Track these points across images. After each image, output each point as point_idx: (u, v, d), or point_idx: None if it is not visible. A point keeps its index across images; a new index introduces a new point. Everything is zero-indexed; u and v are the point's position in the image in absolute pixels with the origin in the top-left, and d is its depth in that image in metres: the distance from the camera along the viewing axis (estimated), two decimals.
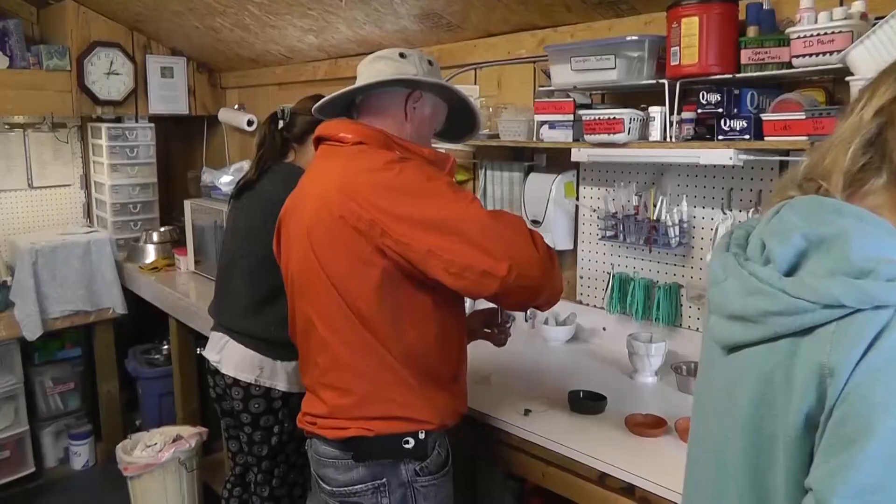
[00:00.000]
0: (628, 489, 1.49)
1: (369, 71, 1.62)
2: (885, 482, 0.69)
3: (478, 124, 1.79)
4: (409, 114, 1.62)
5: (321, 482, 1.62)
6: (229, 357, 2.09)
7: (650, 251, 2.16)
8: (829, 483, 0.70)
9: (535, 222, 2.35)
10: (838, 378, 0.71)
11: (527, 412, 1.77)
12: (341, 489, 1.57)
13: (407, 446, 1.51)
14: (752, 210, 1.92)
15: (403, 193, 1.44)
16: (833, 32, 1.54)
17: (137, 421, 3.85)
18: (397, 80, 1.59)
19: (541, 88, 2.26)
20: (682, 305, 2.14)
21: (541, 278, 1.43)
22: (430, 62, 1.65)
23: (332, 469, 1.58)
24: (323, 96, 1.70)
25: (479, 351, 1.86)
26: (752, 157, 1.76)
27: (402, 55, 1.61)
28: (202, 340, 2.26)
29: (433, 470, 1.56)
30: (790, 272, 0.80)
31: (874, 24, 1.42)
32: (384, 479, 1.53)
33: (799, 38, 1.59)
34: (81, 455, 3.71)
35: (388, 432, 1.51)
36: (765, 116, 1.67)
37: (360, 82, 1.61)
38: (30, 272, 3.33)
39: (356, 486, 1.55)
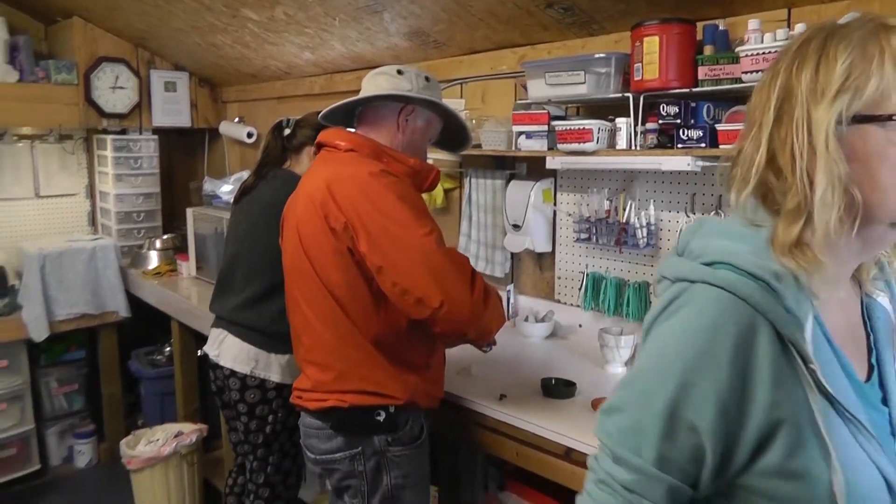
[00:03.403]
0: None
1: (369, 85, 1.81)
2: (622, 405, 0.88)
3: (468, 137, 1.97)
4: (401, 125, 1.81)
5: (307, 451, 1.81)
6: (227, 350, 2.24)
7: (621, 252, 2.32)
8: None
9: (515, 227, 2.51)
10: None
11: (502, 397, 1.92)
12: (323, 457, 1.76)
13: (378, 418, 1.69)
14: (713, 212, 2.09)
15: (374, 206, 1.61)
16: (777, 51, 1.70)
17: (140, 421, 3.95)
18: (390, 95, 1.77)
19: (519, 102, 2.42)
20: (650, 302, 2.29)
21: (467, 318, 1.60)
22: (427, 78, 1.82)
23: (315, 439, 1.76)
24: None
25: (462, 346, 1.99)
26: (708, 164, 1.93)
27: (399, 72, 1.79)
28: (203, 342, 2.38)
29: (405, 441, 1.74)
30: None
31: None
32: (359, 448, 1.71)
33: (747, 55, 1.76)
34: (85, 454, 3.83)
35: (361, 404, 1.69)
36: (719, 126, 1.84)
37: (360, 95, 1.80)
38: (38, 276, 3.46)
39: (336, 454, 1.73)
